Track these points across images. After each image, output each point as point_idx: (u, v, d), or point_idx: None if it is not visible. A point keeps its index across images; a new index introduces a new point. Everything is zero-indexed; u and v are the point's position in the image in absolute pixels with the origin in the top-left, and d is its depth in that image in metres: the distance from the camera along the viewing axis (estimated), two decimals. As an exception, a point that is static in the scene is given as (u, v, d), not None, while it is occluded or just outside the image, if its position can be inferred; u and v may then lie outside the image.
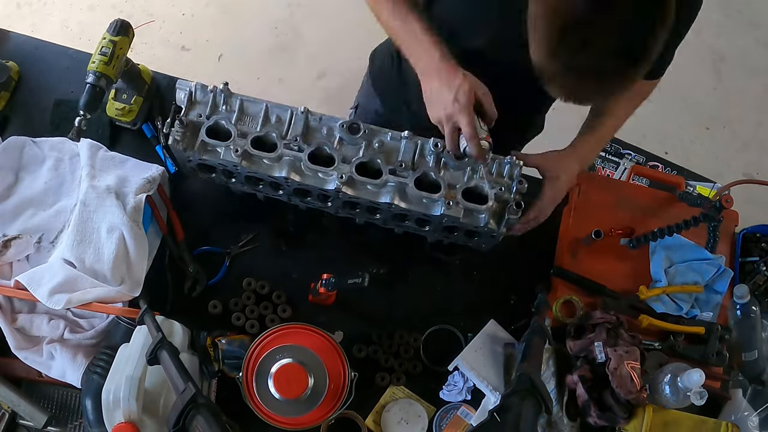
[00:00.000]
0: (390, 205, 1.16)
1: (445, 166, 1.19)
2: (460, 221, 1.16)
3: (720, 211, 1.23)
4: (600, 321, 1.23)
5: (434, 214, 1.16)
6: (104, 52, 1.22)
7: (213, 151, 1.18)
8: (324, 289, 1.21)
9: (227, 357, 1.20)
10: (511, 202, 1.15)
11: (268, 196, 1.29)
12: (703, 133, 2.63)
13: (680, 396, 1.16)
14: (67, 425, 1.23)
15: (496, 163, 1.19)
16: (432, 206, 1.16)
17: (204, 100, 1.20)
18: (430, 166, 1.18)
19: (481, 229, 1.17)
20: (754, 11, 2.82)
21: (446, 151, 1.16)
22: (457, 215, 1.15)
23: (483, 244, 1.26)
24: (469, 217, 1.16)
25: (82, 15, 2.69)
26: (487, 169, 1.19)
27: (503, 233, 1.18)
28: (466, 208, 1.15)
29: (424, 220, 1.21)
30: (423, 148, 1.19)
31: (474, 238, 1.25)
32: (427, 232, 1.27)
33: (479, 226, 1.16)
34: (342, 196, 1.17)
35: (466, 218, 1.16)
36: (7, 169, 1.31)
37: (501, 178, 1.19)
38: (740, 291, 1.30)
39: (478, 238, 1.24)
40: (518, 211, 1.15)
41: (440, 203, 1.15)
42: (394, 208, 1.17)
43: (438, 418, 1.25)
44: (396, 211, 1.19)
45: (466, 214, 1.16)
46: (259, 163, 1.18)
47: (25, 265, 1.25)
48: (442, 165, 1.19)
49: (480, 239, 1.24)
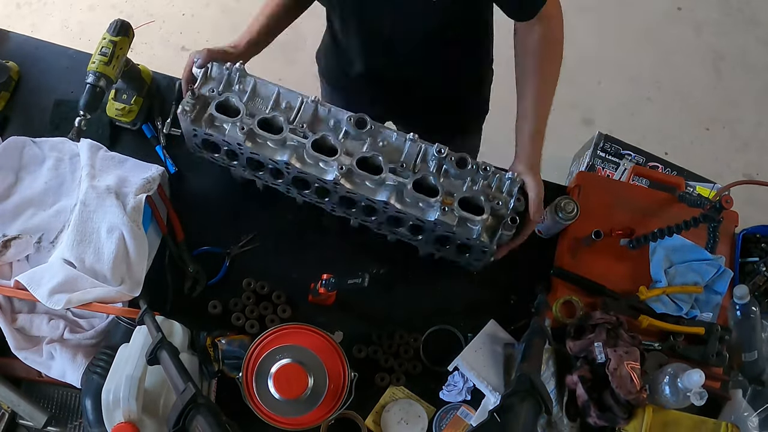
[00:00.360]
0: (386, 204, 1.16)
1: (446, 173, 1.19)
2: (453, 230, 1.15)
3: (720, 212, 1.23)
4: (600, 321, 1.23)
5: (429, 218, 1.15)
6: (104, 52, 1.22)
7: (219, 127, 1.18)
8: (324, 290, 1.21)
9: (227, 357, 1.20)
10: (506, 218, 1.15)
11: (268, 184, 1.29)
12: (703, 133, 2.63)
13: (680, 396, 1.16)
14: (67, 425, 1.23)
15: (496, 178, 1.19)
16: (427, 211, 1.16)
17: (219, 76, 1.22)
18: (430, 171, 1.18)
19: (473, 242, 1.17)
20: (754, 9, 2.82)
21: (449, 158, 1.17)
22: (452, 222, 1.15)
23: (474, 260, 1.26)
24: (462, 227, 1.16)
25: (82, 15, 2.69)
26: (487, 182, 1.19)
27: (494, 250, 1.17)
28: (461, 217, 1.15)
29: (417, 227, 1.21)
30: (426, 152, 1.19)
31: (465, 254, 1.24)
32: (419, 242, 1.26)
33: (471, 239, 1.16)
34: (339, 189, 1.17)
35: (460, 228, 1.16)
36: (7, 169, 1.31)
37: (500, 193, 1.18)
38: (740, 291, 1.30)
39: (469, 254, 1.24)
40: (513, 227, 1.15)
41: (436, 208, 1.15)
42: (390, 208, 1.17)
43: (438, 419, 1.25)
44: (391, 213, 1.19)
45: (460, 223, 1.16)
46: (262, 145, 1.18)
47: (25, 265, 1.25)
48: (443, 172, 1.19)
49: (471, 254, 1.23)
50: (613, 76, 2.66)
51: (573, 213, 1.27)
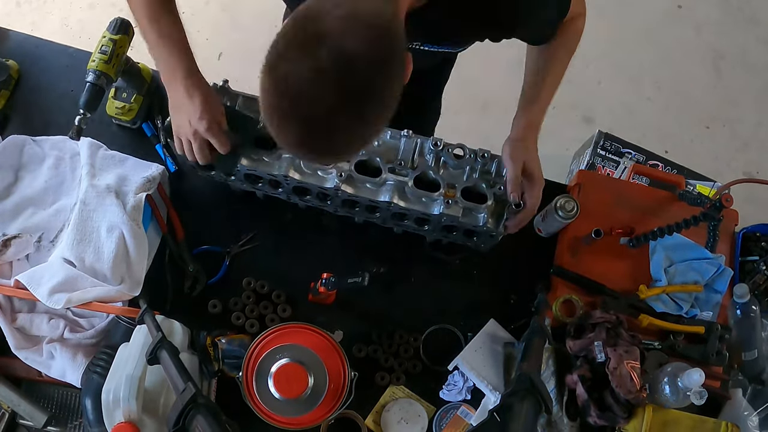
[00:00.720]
0: (389, 203, 1.16)
1: (445, 165, 1.19)
2: (459, 220, 1.16)
3: (720, 211, 1.23)
4: (600, 320, 1.23)
5: (433, 213, 1.16)
6: (104, 50, 1.22)
7: None
8: (324, 289, 1.21)
9: (227, 357, 1.20)
10: (510, 202, 1.15)
11: (268, 194, 1.29)
12: (703, 131, 2.63)
13: (680, 396, 1.16)
14: (67, 425, 1.23)
15: (495, 163, 1.19)
16: (431, 205, 1.16)
17: None
18: (429, 165, 1.18)
19: (480, 229, 1.17)
20: (754, 8, 2.82)
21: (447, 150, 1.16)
22: (456, 214, 1.15)
23: (482, 243, 1.26)
24: (468, 217, 1.16)
25: (82, 13, 2.68)
26: (486, 168, 1.19)
27: (502, 233, 1.18)
28: (465, 207, 1.15)
29: (423, 219, 1.21)
30: (423, 147, 1.19)
31: (473, 238, 1.25)
32: (427, 232, 1.27)
33: (478, 226, 1.16)
34: (341, 194, 1.17)
35: (465, 217, 1.16)
36: (7, 168, 1.31)
37: (500, 177, 1.19)
38: (740, 290, 1.30)
39: (477, 238, 1.24)
40: (517, 210, 1.15)
41: (439, 202, 1.15)
42: (394, 207, 1.17)
43: (438, 418, 1.25)
44: (395, 210, 1.19)
45: (465, 213, 1.16)
46: (258, 161, 1.18)
47: (25, 265, 1.25)
48: (442, 164, 1.19)
49: (479, 239, 1.24)
50: (613, 75, 2.66)
51: (573, 212, 1.27)
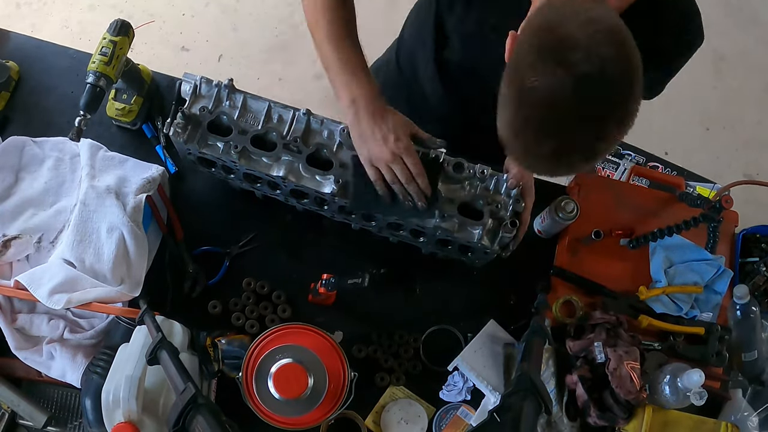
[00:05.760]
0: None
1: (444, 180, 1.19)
2: (454, 235, 1.15)
3: (720, 212, 1.23)
4: (600, 321, 1.23)
5: (428, 226, 1.15)
6: (104, 52, 1.22)
7: (213, 145, 1.18)
8: (324, 289, 1.21)
9: (227, 357, 1.20)
10: (506, 221, 1.15)
11: (266, 194, 1.29)
12: (703, 133, 2.63)
13: (680, 396, 1.16)
14: (67, 425, 1.23)
15: (494, 180, 1.18)
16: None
17: (208, 94, 1.20)
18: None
19: (475, 245, 1.17)
20: (754, 9, 2.82)
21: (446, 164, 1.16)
22: (451, 228, 1.15)
23: (477, 260, 1.26)
24: (463, 232, 1.16)
25: (82, 15, 2.68)
26: (484, 185, 1.18)
27: (496, 251, 1.18)
28: (461, 222, 1.15)
29: (418, 231, 1.21)
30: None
31: (467, 253, 1.24)
32: (422, 244, 1.26)
33: (472, 242, 1.16)
34: (338, 200, 1.17)
35: (460, 232, 1.16)
36: (7, 169, 1.31)
37: (498, 195, 1.18)
38: (740, 291, 1.30)
39: (471, 254, 1.24)
40: (513, 229, 1.15)
41: (435, 215, 1.15)
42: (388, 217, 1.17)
43: (438, 418, 1.25)
44: (391, 220, 1.19)
45: (461, 228, 1.16)
46: (257, 161, 1.18)
47: (25, 265, 1.25)
48: (443, 179, 1.19)
49: (474, 255, 1.24)
50: (613, 76, 2.66)
51: (573, 213, 1.27)
